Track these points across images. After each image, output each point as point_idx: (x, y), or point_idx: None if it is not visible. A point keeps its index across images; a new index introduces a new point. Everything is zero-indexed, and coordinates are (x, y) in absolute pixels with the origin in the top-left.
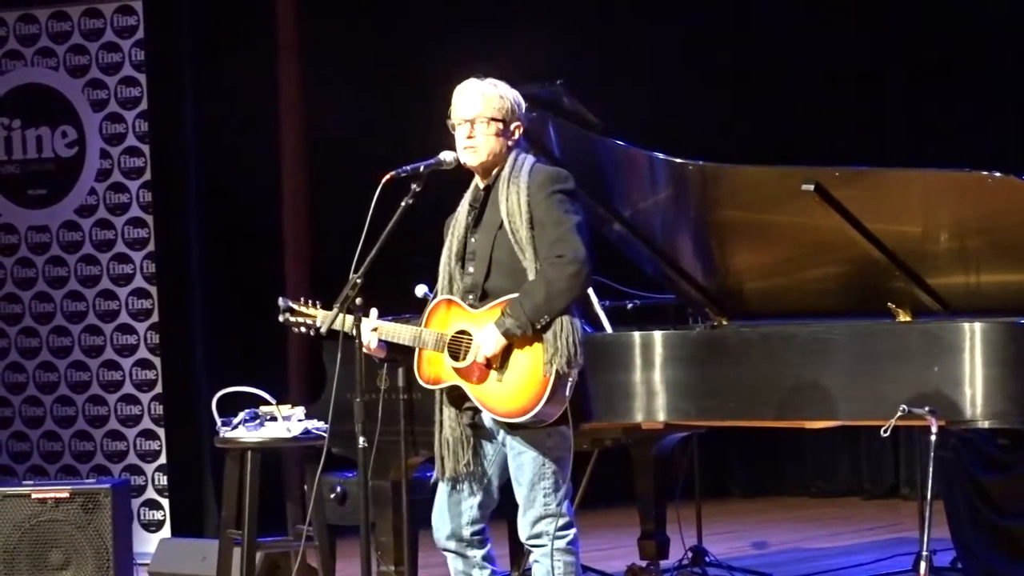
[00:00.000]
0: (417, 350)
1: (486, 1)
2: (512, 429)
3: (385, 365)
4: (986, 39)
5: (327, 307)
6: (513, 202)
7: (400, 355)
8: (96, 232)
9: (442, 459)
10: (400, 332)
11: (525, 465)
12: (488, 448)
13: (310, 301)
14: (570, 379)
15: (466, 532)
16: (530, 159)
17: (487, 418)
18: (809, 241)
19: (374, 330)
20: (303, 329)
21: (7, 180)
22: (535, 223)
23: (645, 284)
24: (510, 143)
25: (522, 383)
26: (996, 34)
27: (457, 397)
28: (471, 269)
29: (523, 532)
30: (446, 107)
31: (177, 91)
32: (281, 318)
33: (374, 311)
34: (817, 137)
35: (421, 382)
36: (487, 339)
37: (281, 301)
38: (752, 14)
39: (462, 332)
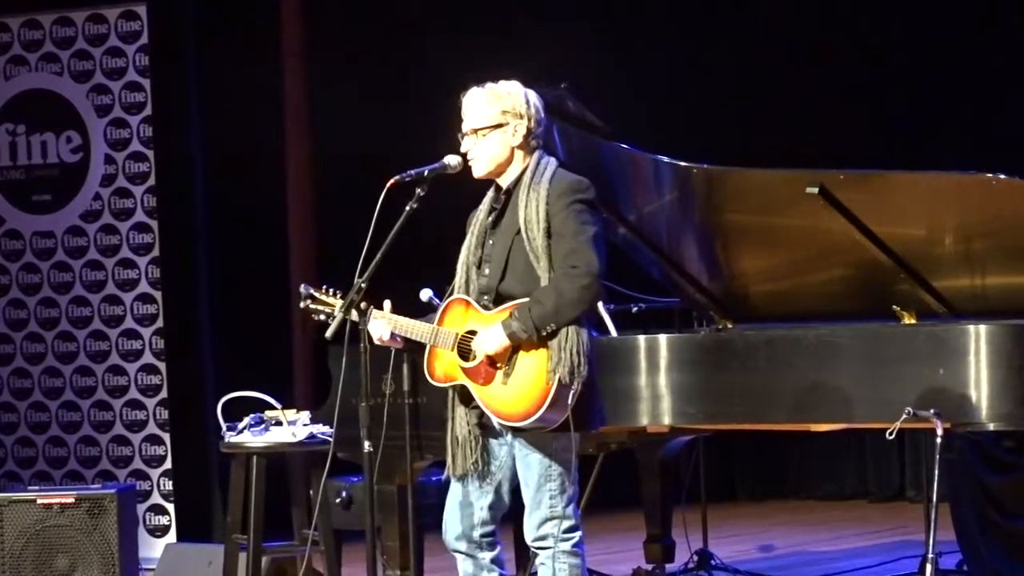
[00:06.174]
0: (428, 348)
1: (492, 7)
2: (518, 431)
3: (390, 370)
4: (986, 38)
5: (346, 296)
6: (532, 209)
7: (414, 349)
8: (101, 237)
9: (452, 456)
10: (415, 328)
11: (532, 467)
12: (497, 449)
13: (330, 290)
14: (573, 388)
15: (476, 533)
16: (552, 164)
17: (494, 419)
18: (814, 244)
19: (387, 323)
20: (322, 317)
21: (12, 186)
22: (552, 232)
23: (650, 287)
24: (516, 144)
25: (525, 388)
26: (997, 34)
27: (467, 396)
28: (487, 271)
29: (529, 534)
30: (452, 112)
31: (182, 96)
32: (302, 304)
33: (388, 303)
34: (819, 142)
35: (432, 381)
36: (489, 337)
37: (303, 288)
38: (755, 20)
39: (472, 332)
